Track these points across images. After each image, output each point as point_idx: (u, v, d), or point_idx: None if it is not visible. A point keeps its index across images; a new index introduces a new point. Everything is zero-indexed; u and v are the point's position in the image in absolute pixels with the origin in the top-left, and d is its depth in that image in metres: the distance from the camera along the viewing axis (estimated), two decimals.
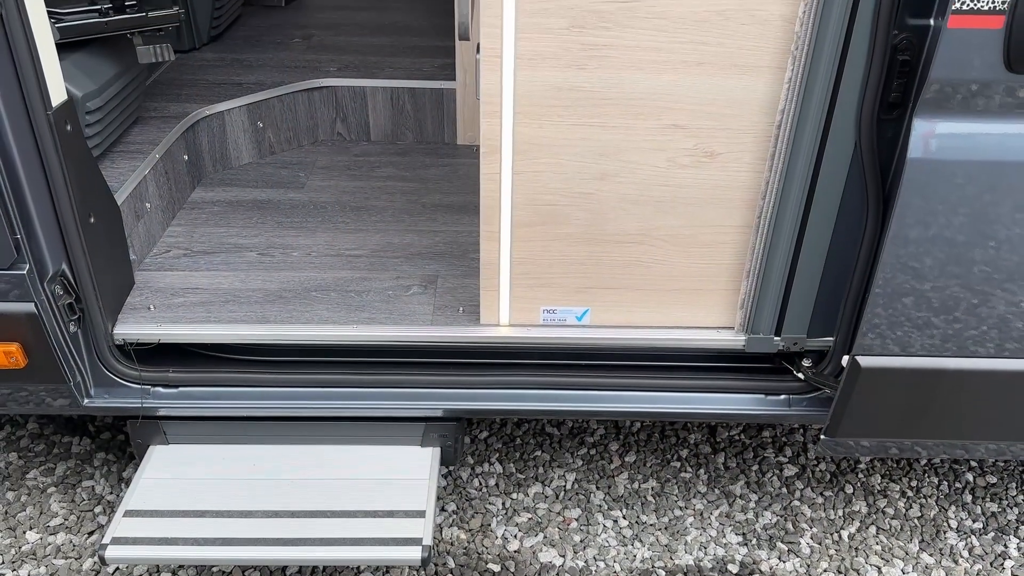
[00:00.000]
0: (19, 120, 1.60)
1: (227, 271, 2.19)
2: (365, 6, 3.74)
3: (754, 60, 1.62)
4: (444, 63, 3.06)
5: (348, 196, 2.61)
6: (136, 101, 2.38)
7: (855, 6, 1.48)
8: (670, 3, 1.58)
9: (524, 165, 1.78)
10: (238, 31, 3.31)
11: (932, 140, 1.46)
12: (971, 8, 1.33)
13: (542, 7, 1.60)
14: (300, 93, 2.82)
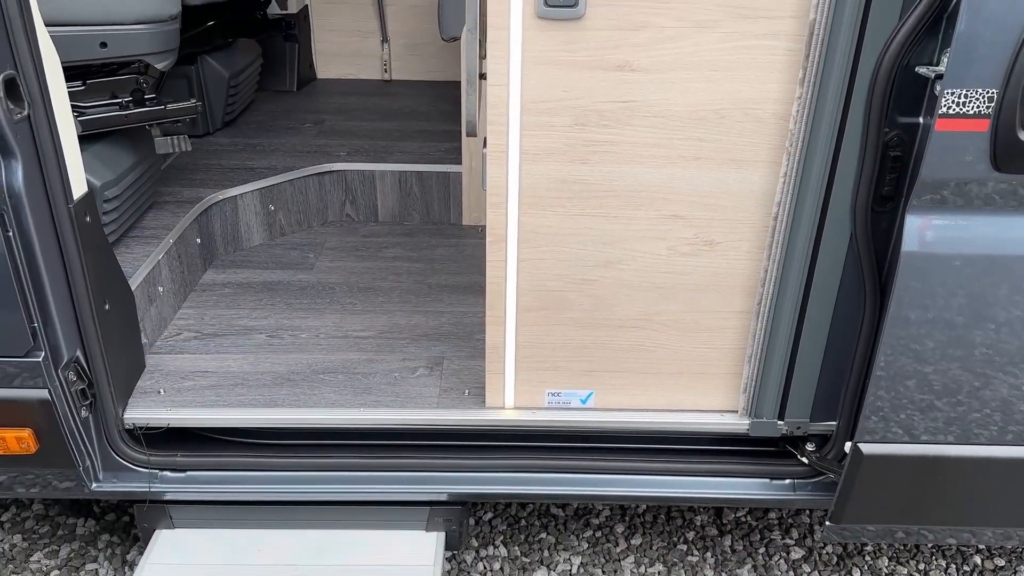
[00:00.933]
0: (41, 213, 1.66)
1: (237, 353, 2.23)
2: (375, 91, 3.87)
3: (750, 155, 1.68)
4: (450, 147, 3.16)
5: (356, 277, 2.66)
6: (152, 187, 2.46)
7: (847, 105, 1.55)
8: (668, 103, 1.65)
9: (529, 253, 1.83)
10: (251, 116, 3.42)
11: (925, 235, 1.50)
12: (957, 112, 1.39)
13: (546, 107, 1.67)
14: (311, 177, 2.91)
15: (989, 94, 1.38)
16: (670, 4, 1.56)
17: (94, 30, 2.08)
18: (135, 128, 2.28)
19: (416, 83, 4.02)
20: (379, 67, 4.06)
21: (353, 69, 4.06)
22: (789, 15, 1.55)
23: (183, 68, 2.98)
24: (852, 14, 1.46)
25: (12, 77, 1.54)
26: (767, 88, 1.62)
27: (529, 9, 1.59)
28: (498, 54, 1.63)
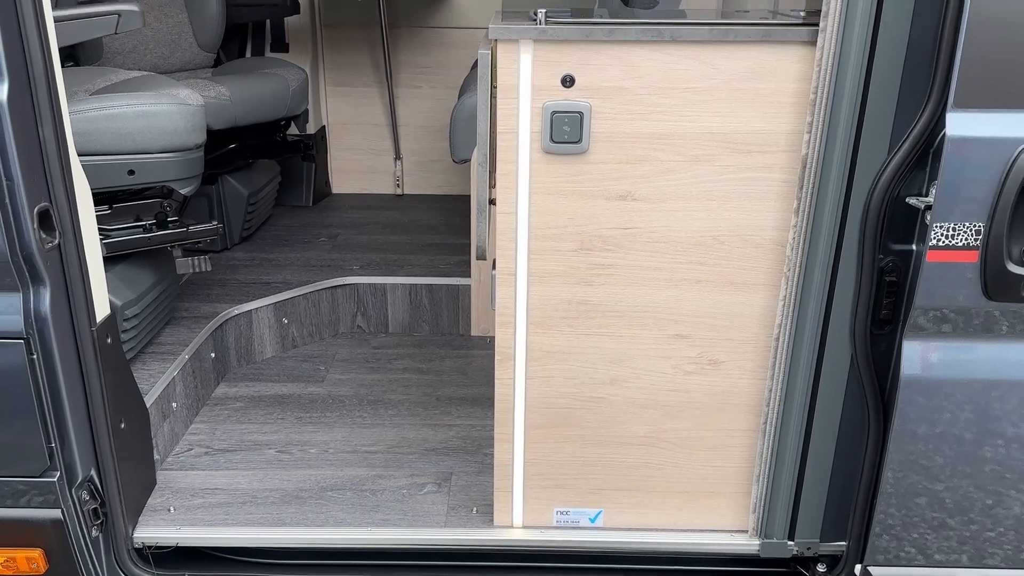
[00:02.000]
0: (65, 336, 1.71)
1: (246, 470, 2.24)
2: (387, 206, 4.00)
3: (750, 278, 1.74)
4: (460, 260, 3.24)
5: (366, 389, 2.69)
6: (170, 304, 2.53)
7: (841, 233, 1.61)
8: (669, 230, 1.72)
9: (536, 371, 1.87)
10: (268, 231, 3.53)
11: (923, 360, 1.54)
12: (947, 244, 1.45)
13: (552, 232, 1.75)
14: (324, 291, 2.98)
15: (976, 227, 1.44)
16: (669, 140, 1.65)
17: (123, 159, 2.19)
18: (158, 249, 2.37)
19: (427, 197, 4.16)
20: (392, 182, 4.21)
21: (367, 184, 4.21)
22: (782, 149, 1.64)
23: (204, 187, 3.11)
24: (842, 149, 1.54)
25: (46, 209, 1.63)
26: (764, 216, 1.69)
27: (536, 145, 1.68)
28: (507, 184, 1.72)
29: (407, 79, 4.07)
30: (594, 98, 1.65)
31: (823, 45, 1.49)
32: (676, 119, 1.65)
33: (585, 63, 1.63)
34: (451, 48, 4.02)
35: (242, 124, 3.04)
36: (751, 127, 1.63)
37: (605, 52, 1.62)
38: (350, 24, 3.94)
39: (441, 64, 4.05)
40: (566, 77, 1.64)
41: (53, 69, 1.61)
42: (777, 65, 1.58)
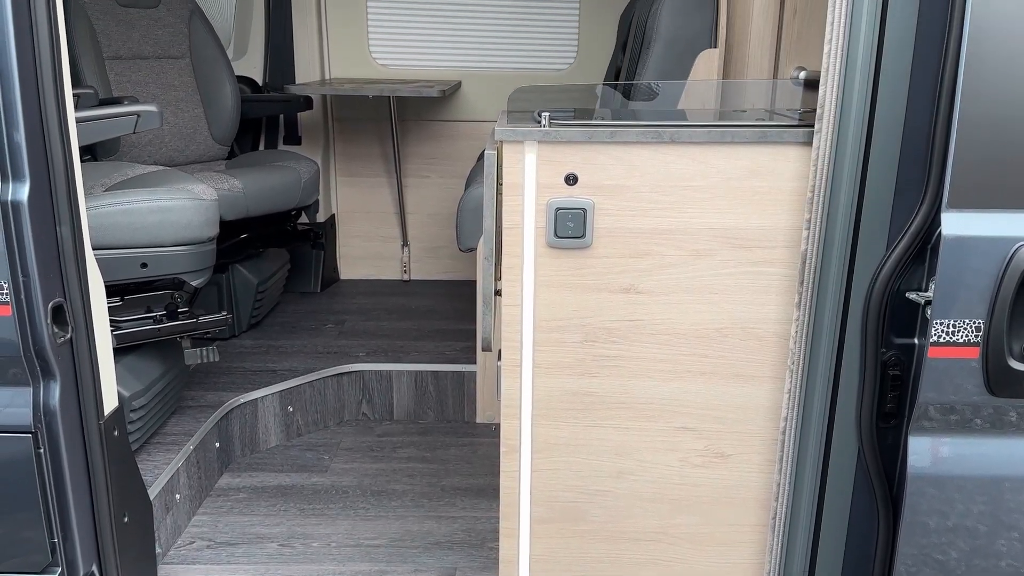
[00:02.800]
0: (73, 429, 1.72)
1: (248, 564, 2.20)
2: (394, 291, 4.04)
3: (754, 371, 1.75)
4: (465, 346, 3.26)
5: (370, 479, 2.67)
6: (177, 394, 2.54)
7: (843, 327, 1.63)
8: (672, 322, 1.74)
9: (542, 463, 1.86)
10: (276, 318, 3.56)
11: (930, 456, 1.53)
12: (948, 341, 1.47)
13: (557, 324, 1.77)
14: (330, 378, 2.99)
15: (976, 324, 1.46)
16: (671, 235, 1.69)
17: (136, 252, 2.24)
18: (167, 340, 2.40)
19: (434, 282, 4.21)
20: (399, 268, 4.27)
21: (374, 270, 4.27)
22: (782, 245, 1.67)
23: (215, 276, 3.16)
24: (841, 246, 1.57)
25: (60, 304, 1.66)
26: (766, 310, 1.71)
27: (541, 239, 1.72)
28: (512, 277, 1.75)
29: (415, 169, 4.17)
30: (597, 195, 1.70)
31: (819, 146, 1.54)
32: (677, 215, 1.69)
33: (588, 162, 1.68)
34: (458, 140, 4.14)
35: (254, 215, 3.11)
36: (750, 223, 1.67)
37: (607, 152, 1.67)
38: (361, 118, 4.07)
39: (448, 155, 4.16)
40: (569, 176, 1.69)
41: (73, 169, 1.66)
42: (774, 165, 1.63)
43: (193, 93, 3.52)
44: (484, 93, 4.06)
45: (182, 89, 3.51)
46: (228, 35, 3.93)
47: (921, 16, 1.45)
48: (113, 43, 3.33)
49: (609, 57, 3.85)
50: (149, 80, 3.44)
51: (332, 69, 4.07)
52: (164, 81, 3.47)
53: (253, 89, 3.91)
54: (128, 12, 3.38)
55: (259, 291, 3.33)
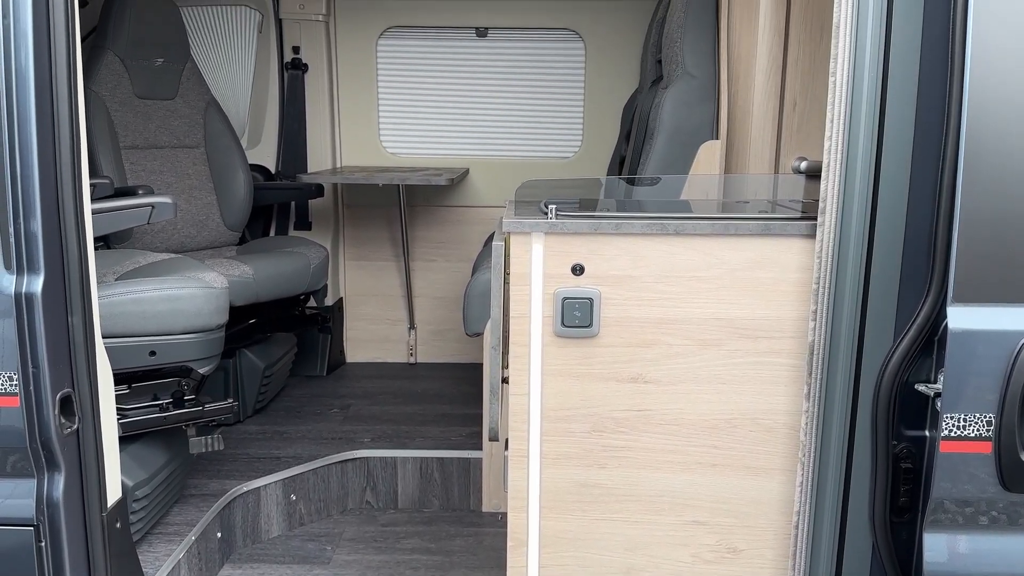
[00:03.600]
0: (75, 522, 1.70)
1: None
2: (400, 375, 4.04)
3: (765, 463, 1.73)
4: (471, 432, 3.23)
5: (373, 572, 2.61)
6: (180, 483, 2.51)
7: (853, 419, 1.61)
8: (681, 412, 1.73)
9: (550, 559, 1.82)
10: (282, 402, 3.55)
11: (946, 553, 1.50)
12: (959, 435, 1.45)
13: (565, 414, 1.76)
14: (334, 465, 2.96)
15: (987, 418, 1.44)
16: (677, 325, 1.70)
17: (146, 340, 2.26)
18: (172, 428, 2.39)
19: (440, 365, 4.21)
20: (405, 351, 4.27)
21: (381, 353, 4.27)
22: (789, 335, 1.67)
23: (222, 361, 3.16)
24: (848, 337, 1.57)
25: (68, 394, 1.66)
26: (775, 400, 1.70)
27: (548, 328, 1.73)
28: (520, 366, 1.75)
29: (423, 253, 4.22)
30: (603, 285, 1.71)
31: (822, 239, 1.56)
32: (683, 305, 1.70)
33: (594, 253, 1.71)
34: (465, 224, 4.20)
35: (263, 300, 3.13)
36: (757, 314, 1.68)
37: (613, 243, 1.70)
38: (371, 204, 4.14)
39: (456, 239, 4.21)
40: (576, 266, 1.71)
41: (87, 259, 1.69)
42: (778, 256, 1.65)
43: (207, 181, 3.60)
44: (491, 180, 4.14)
45: (196, 177, 3.59)
46: (243, 125, 4.05)
47: (919, 112, 1.49)
48: (130, 133, 3.43)
49: (613, 146, 3.94)
50: (164, 169, 3.52)
51: (344, 157, 4.17)
52: (179, 169, 3.56)
53: (266, 177, 4.00)
54: (146, 104, 3.49)
55: (265, 376, 3.32)
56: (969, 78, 1.42)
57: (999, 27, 1.42)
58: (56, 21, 1.63)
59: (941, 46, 1.46)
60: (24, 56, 1.61)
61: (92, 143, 3.03)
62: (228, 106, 3.94)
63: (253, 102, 4.04)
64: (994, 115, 1.43)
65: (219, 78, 4.02)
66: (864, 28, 1.48)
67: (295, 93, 3.98)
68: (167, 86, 3.52)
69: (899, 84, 1.49)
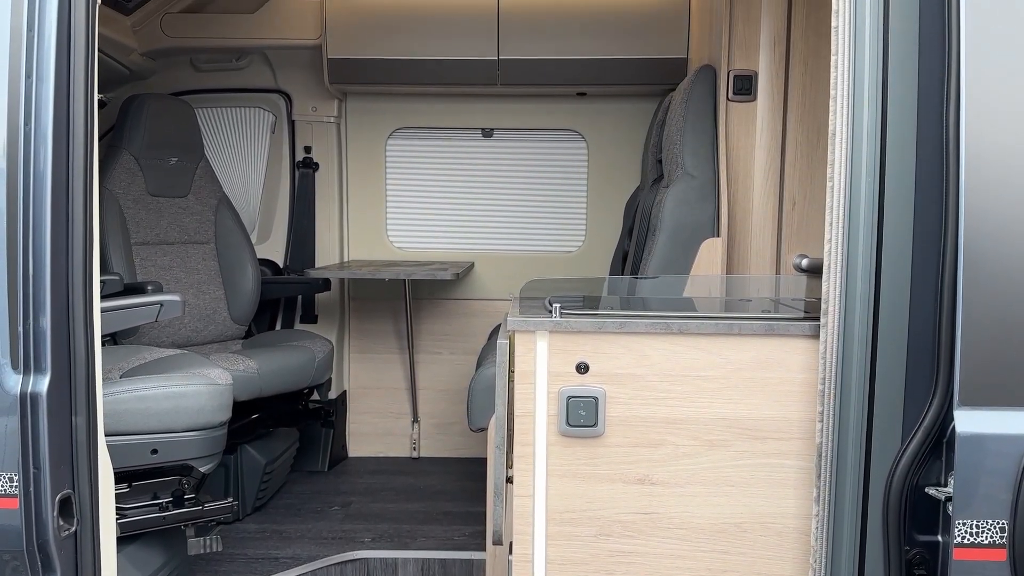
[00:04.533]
0: None
1: None
2: (403, 470, 3.98)
3: (777, 569, 1.68)
4: (475, 530, 3.16)
5: None
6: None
7: (864, 523, 1.58)
8: (689, 515, 1.70)
9: None
10: (282, 499, 3.49)
11: None
12: (972, 542, 1.42)
13: (570, 517, 1.73)
14: (333, 567, 2.88)
15: (1000, 525, 1.42)
16: (684, 425, 1.69)
17: (148, 438, 2.24)
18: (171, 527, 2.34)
19: (443, 460, 4.15)
20: (408, 445, 4.22)
21: (384, 447, 4.22)
22: (796, 436, 1.66)
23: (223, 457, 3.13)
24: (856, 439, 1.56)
25: (68, 496, 1.64)
26: (784, 503, 1.67)
27: (553, 428, 1.72)
28: (524, 467, 1.73)
29: (427, 345, 4.22)
30: (608, 384, 1.71)
31: (826, 340, 1.57)
32: (689, 405, 1.69)
33: (598, 351, 1.71)
34: (470, 317, 4.22)
35: (267, 395, 3.12)
36: (763, 414, 1.67)
37: (617, 342, 1.71)
38: (377, 297, 4.18)
39: (460, 332, 4.22)
40: (580, 364, 1.72)
41: (94, 360, 1.70)
42: (783, 357, 1.65)
43: (215, 276, 3.65)
44: (497, 273, 4.18)
45: (205, 272, 3.64)
46: (254, 221, 4.12)
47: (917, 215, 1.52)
48: (142, 230, 3.49)
49: (616, 240, 4.00)
50: (174, 264, 3.57)
51: (351, 251, 4.23)
52: (188, 265, 3.61)
53: (274, 271, 4.05)
54: (158, 201, 3.57)
55: (266, 472, 3.28)
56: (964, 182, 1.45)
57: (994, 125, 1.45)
58: (76, 125, 1.68)
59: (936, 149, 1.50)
60: (43, 158, 1.66)
61: (104, 240, 3.08)
62: (240, 202, 4.03)
63: (264, 198, 4.13)
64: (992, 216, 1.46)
65: (232, 175, 4.13)
66: (860, 135, 1.53)
67: (305, 190, 4.08)
68: (180, 184, 3.61)
69: (896, 189, 1.52)
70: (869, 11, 1.51)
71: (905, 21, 1.51)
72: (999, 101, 1.45)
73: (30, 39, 1.62)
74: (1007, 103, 1.45)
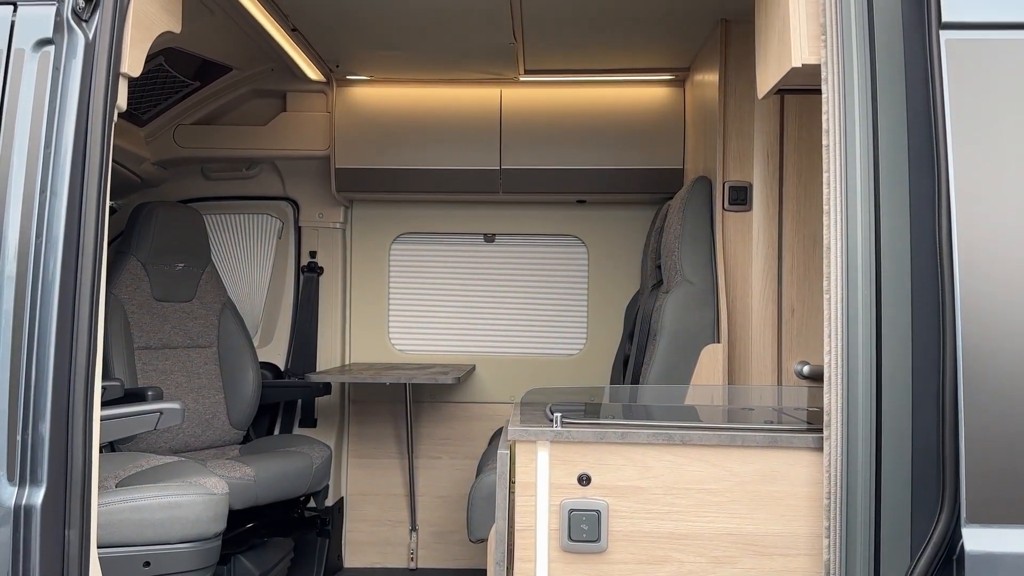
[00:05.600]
0: None
1: None
2: None
3: None
4: None
5: None
6: None
7: None
8: None
9: None
10: None
11: None
12: None
13: None
14: None
15: None
16: (689, 541, 1.65)
17: (141, 550, 2.19)
18: None
19: (441, 571, 4.02)
20: (406, 555, 4.10)
21: (380, 557, 4.10)
22: (803, 552, 1.62)
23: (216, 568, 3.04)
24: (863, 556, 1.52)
25: None
26: None
27: (555, 543, 1.68)
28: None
29: (427, 450, 4.17)
30: (610, 496, 1.69)
31: (829, 453, 1.55)
32: (694, 519, 1.66)
33: (600, 462, 1.69)
34: (471, 421, 4.18)
35: (263, 503, 3.06)
36: (769, 529, 1.64)
37: (619, 453, 1.69)
38: (377, 400, 4.15)
39: (461, 436, 4.17)
40: (582, 476, 1.70)
41: (91, 470, 1.68)
42: (787, 470, 1.63)
43: (216, 380, 3.64)
44: (498, 376, 4.17)
45: (206, 376, 3.63)
46: (257, 324, 4.15)
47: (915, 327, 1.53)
48: (145, 334, 3.51)
49: (617, 343, 4.01)
50: (175, 368, 3.57)
51: (353, 354, 4.23)
52: (190, 369, 3.61)
53: (275, 375, 4.05)
54: (163, 306, 3.60)
55: None
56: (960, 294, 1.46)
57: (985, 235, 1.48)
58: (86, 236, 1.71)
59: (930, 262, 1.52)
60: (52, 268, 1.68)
61: (107, 345, 3.09)
62: (243, 305, 4.06)
63: (268, 302, 4.17)
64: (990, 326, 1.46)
65: (237, 279, 4.18)
66: (854, 248, 1.55)
67: (309, 294, 4.12)
68: (185, 289, 3.65)
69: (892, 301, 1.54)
70: (859, 129, 1.57)
71: (894, 136, 1.56)
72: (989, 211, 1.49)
73: (47, 156, 1.67)
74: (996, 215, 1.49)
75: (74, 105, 1.69)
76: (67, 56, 1.70)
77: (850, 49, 1.58)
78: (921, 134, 1.54)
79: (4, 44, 1.71)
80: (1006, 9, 1.48)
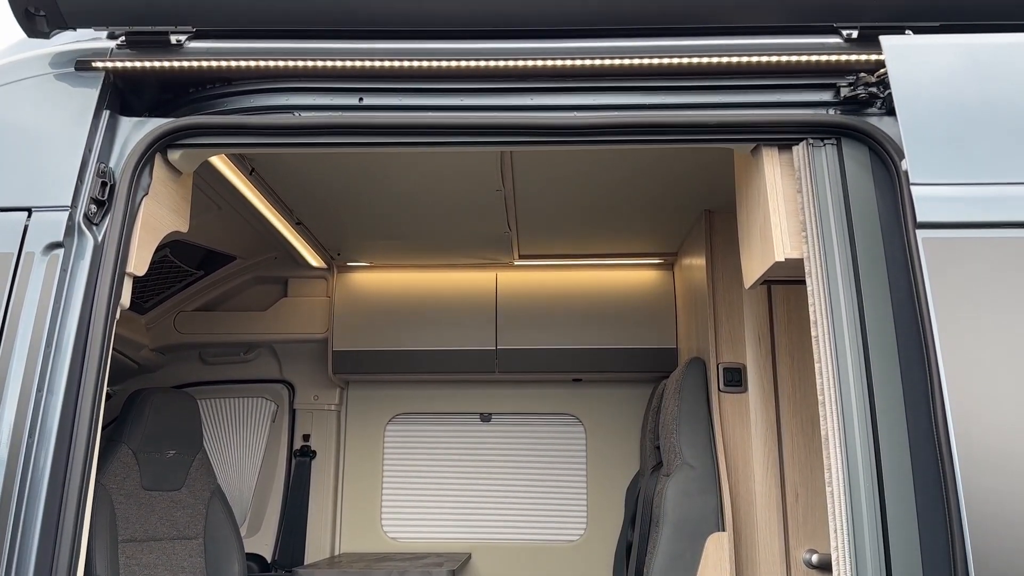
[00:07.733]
0: None
1: None
2: None
3: None
4: None
5: None
6: None
7: None
8: None
9: None
10: None
11: None
12: None
13: None
14: None
15: None
16: None
17: None
18: None
19: None
20: None
21: None
22: None
23: None
24: None
25: None
26: None
27: None
28: None
29: None
30: None
31: None
32: None
33: None
34: None
35: None
36: None
37: None
38: None
39: None
40: None
41: None
42: None
43: (200, 574, 3.47)
44: (495, 565, 4.00)
45: (190, 570, 3.47)
46: (245, 512, 4.02)
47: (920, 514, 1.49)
48: (131, 526, 3.38)
49: (618, 528, 3.87)
50: (159, 562, 3.41)
51: (343, 542, 4.07)
52: (174, 563, 3.45)
53: (261, 567, 3.87)
54: (151, 495, 3.50)
55: None
56: (962, 482, 1.44)
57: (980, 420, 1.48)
58: (79, 430, 1.69)
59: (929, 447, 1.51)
60: (42, 466, 1.66)
61: (91, 539, 2.97)
62: (233, 491, 3.95)
63: (258, 488, 4.06)
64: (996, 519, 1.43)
65: (228, 464, 4.09)
66: (852, 438, 1.55)
67: (301, 479, 4.02)
68: (175, 478, 3.57)
69: (895, 489, 1.51)
70: (847, 320, 1.61)
71: (881, 326, 1.60)
72: (981, 399, 1.49)
73: (47, 355, 1.69)
74: (989, 400, 1.49)
75: (78, 304, 1.73)
76: (75, 258, 1.75)
77: (831, 245, 1.65)
78: (907, 324, 1.58)
79: (16, 247, 1.77)
80: (974, 211, 1.57)
